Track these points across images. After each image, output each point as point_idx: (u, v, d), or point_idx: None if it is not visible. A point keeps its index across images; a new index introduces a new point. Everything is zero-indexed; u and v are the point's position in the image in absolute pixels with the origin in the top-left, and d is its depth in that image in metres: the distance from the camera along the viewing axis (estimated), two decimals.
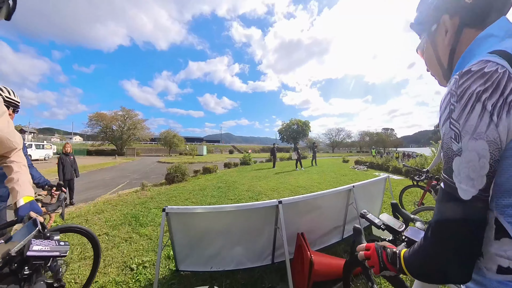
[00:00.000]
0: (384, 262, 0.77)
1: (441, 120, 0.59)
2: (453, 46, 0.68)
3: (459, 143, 0.54)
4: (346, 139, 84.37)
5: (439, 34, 0.72)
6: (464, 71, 0.56)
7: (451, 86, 0.58)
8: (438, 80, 0.80)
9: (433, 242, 0.60)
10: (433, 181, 3.74)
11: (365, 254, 0.86)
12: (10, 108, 1.88)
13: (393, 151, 44.48)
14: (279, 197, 6.48)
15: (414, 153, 25.58)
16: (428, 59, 0.80)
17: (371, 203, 3.85)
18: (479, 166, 0.51)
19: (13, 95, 1.89)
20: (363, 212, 1.34)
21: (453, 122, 0.55)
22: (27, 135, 44.18)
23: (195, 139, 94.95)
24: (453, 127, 0.55)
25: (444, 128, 0.58)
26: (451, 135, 0.55)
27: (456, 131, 0.54)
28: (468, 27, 0.65)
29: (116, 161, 25.74)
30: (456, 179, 0.55)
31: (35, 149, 24.20)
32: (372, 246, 0.84)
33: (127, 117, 46.52)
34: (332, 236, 3.19)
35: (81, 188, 9.12)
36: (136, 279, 2.61)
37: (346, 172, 13.09)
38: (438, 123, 0.63)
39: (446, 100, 0.58)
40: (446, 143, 0.57)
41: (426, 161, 10.44)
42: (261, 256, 2.68)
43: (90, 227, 4.39)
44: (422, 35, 0.81)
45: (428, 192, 4.01)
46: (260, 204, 2.32)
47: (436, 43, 0.74)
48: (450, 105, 0.56)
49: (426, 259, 0.63)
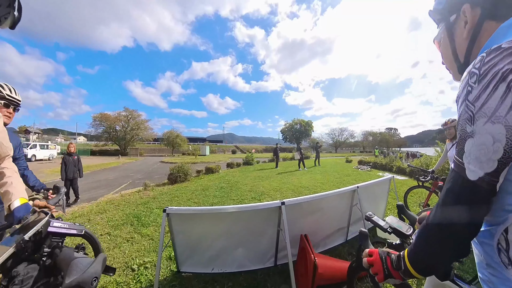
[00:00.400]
0: (388, 269, 0.74)
1: (459, 102, 0.58)
2: (472, 40, 0.64)
3: (473, 125, 0.53)
4: (349, 139, 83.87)
5: (458, 25, 0.67)
6: (494, 48, 0.52)
7: (474, 64, 0.55)
8: (452, 74, 0.76)
9: (436, 224, 0.61)
10: (439, 182, 3.67)
11: (368, 260, 0.82)
12: (11, 107, 1.81)
13: (397, 151, 44.15)
14: (282, 198, 6.43)
15: (418, 153, 25.31)
16: (444, 51, 0.75)
17: (375, 204, 3.78)
18: (492, 150, 0.50)
19: (14, 93, 1.82)
20: (368, 214, 1.28)
21: (468, 104, 0.54)
22: (32, 135, 44.69)
23: (198, 139, 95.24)
24: (468, 109, 0.54)
25: (460, 109, 0.57)
26: (466, 116, 0.54)
27: (470, 113, 0.53)
28: (489, 19, 0.61)
29: (119, 161, 25.88)
30: (465, 160, 0.55)
31: (40, 149, 24.29)
32: (376, 252, 0.81)
33: (130, 118, 46.74)
34: (336, 238, 3.13)
35: (85, 188, 9.16)
36: (137, 280, 2.59)
37: (350, 172, 12.98)
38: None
39: (464, 81, 0.56)
40: (461, 125, 0.57)
41: (431, 161, 10.30)
42: (263, 258, 2.63)
43: (93, 227, 4.41)
44: (440, 25, 0.76)
45: (433, 193, 3.93)
46: (263, 205, 2.27)
47: (454, 35, 0.69)
48: (467, 86, 0.54)
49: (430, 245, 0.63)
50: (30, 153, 22.60)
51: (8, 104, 1.79)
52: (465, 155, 0.55)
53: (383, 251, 0.79)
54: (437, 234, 0.61)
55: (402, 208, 1.32)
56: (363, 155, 37.80)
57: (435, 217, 0.61)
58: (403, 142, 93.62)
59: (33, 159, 22.88)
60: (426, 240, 0.65)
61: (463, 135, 0.56)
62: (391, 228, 1.16)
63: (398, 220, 1.20)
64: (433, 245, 0.62)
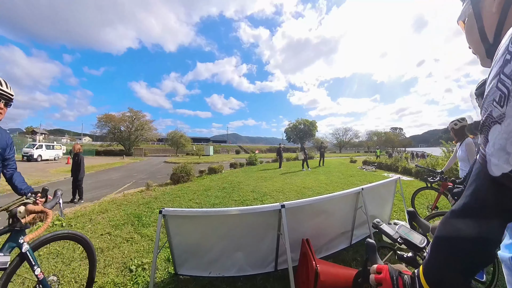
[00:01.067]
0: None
1: (489, 79, 0.47)
2: (503, 14, 0.52)
3: (504, 106, 0.41)
4: (353, 139, 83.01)
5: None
6: None
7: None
8: (480, 59, 0.64)
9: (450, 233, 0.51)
10: (448, 183, 3.52)
11: (376, 278, 0.71)
12: (1, 101, 1.64)
13: (402, 151, 43.55)
14: (285, 199, 6.36)
15: (425, 153, 24.88)
16: (469, 31, 0.64)
17: (381, 206, 3.65)
18: None
19: (5, 87, 1.66)
20: (376, 221, 1.17)
21: (503, 78, 0.42)
22: (38, 136, 45.40)
23: (202, 140, 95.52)
24: (502, 85, 0.42)
25: (489, 88, 0.46)
26: (496, 96, 0.43)
27: (505, 90, 0.41)
28: None
29: (124, 161, 26.02)
30: (488, 150, 0.45)
31: (46, 150, 24.60)
32: (385, 270, 0.70)
33: (134, 118, 47.09)
34: (340, 242, 3.01)
35: (88, 188, 9.20)
36: (134, 281, 2.55)
37: (354, 172, 12.81)
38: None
39: (502, 48, 0.44)
40: (485, 108, 0.47)
41: (437, 161, 10.06)
42: (263, 262, 2.54)
43: (94, 226, 4.40)
44: (464, 1, 0.64)
45: (442, 194, 3.79)
46: (262, 208, 2.18)
47: (481, 10, 0.58)
48: (506, 54, 0.42)
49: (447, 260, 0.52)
50: (36, 153, 22.97)
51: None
52: (488, 145, 0.45)
53: (394, 270, 0.69)
54: (452, 246, 0.51)
55: (414, 214, 1.19)
56: (367, 155, 37.33)
57: (448, 224, 0.52)
58: (408, 142, 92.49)
59: (39, 159, 23.26)
60: (438, 253, 0.55)
61: (487, 121, 0.46)
62: (402, 239, 1.03)
63: (410, 230, 1.07)
64: (450, 260, 0.52)
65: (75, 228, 4.31)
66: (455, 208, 0.52)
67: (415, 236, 1.02)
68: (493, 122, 0.44)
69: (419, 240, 0.99)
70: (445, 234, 0.53)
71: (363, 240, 3.25)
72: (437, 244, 0.55)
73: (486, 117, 0.46)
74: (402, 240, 1.03)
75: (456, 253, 0.51)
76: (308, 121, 61.09)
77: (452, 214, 0.52)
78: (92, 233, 4.03)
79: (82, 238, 2.04)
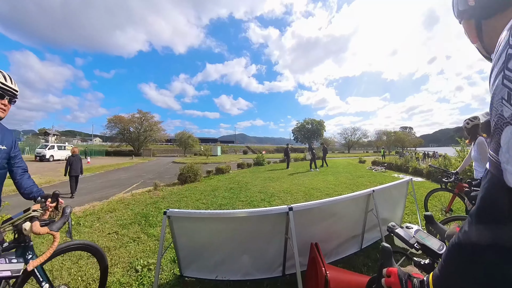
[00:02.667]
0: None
1: (491, 78, 0.44)
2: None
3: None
4: (362, 138, 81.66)
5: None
6: None
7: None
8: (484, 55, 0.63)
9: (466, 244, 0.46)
10: (463, 184, 3.37)
11: (386, 281, 0.70)
12: (5, 97, 1.54)
13: (412, 150, 42.58)
14: (293, 200, 6.28)
15: (436, 152, 24.21)
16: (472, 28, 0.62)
17: (392, 209, 3.52)
18: None
19: (9, 82, 1.55)
20: (391, 225, 1.09)
21: (507, 74, 0.38)
22: (51, 137, 46.84)
23: (210, 140, 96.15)
24: (508, 81, 0.37)
25: (494, 87, 0.42)
26: (503, 94, 0.38)
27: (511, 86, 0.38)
28: None
29: (133, 161, 26.50)
30: (502, 157, 0.40)
31: (57, 150, 25.74)
32: (394, 273, 0.70)
33: (143, 119, 47.94)
34: (349, 246, 2.89)
35: (98, 187, 9.38)
36: (140, 282, 2.54)
37: (363, 173, 12.56)
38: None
39: (502, 43, 0.40)
40: (495, 109, 0.42)
41: (450, 161, 9.72)
42: (270, 267, 2.46)
43: (102, 225, 4.44)
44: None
45: (457, 196, 3.62)
46: (269, 211, 2.11)
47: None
48: (507, 48, 0.38)
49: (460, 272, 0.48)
50: (48, 154, 24.18)
51: (2, 95, 1.53)
52: (501, 151, 0.40)
53: (404, 273, 0.69)
54: (468, 258, 0.47)
55: (431, 219, 1.11)
56: (377, 155, 36.67)
57: (465, 234, 0.47)
58: (419, 141, 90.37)
59: (51, 159, 24.41)
60: (454, 264, 0.50)
61: (499, 124, 0.40)
62: (420, 245, 0.97)
63: (428, 235, 1.00)
64: (464, 271, 0.48)
65: (83, 227, 4.37)
66: (472, 216, 0.47)
67: (433, 241, 0.96)
68: (505, 123, 0.38)
69: (437, 246, 0.93)
70: (459, 242, 0.49)
71: (374, 244, 3.14)
72: (450, 253, 0.52)
73: (497, 119, 0.41)
74: (419, 245, 0.98)
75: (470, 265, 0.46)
76: (316, 121, 60.61)
77: (469, 223, 0.48)
78: (99, 232, 4.06)
79: (96, 248, 1.95)
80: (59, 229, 1.51)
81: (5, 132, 1.68)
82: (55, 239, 1.48)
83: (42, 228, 1.43)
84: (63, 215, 1.59)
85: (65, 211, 1.62)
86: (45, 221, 1.53)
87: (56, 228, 1.49)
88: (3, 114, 1.58)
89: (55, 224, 1.50)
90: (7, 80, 1.54)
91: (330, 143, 69.39)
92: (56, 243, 1.49)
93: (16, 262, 1.37)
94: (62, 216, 1.59)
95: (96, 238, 3.80)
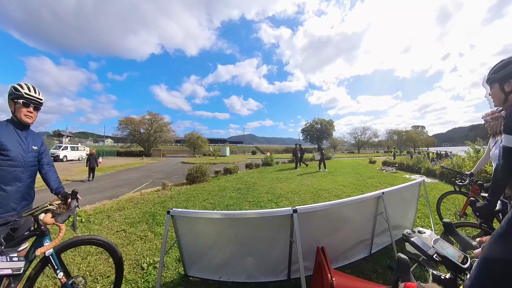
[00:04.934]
0: None
1: None
2: None
3: None
4: (372, 138, 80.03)
5: None
6: None
7: None
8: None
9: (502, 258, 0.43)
10: (477, 187, 3.14)
11: None
12: (31, 106, 1.79)
13: (424, 150, 41.40)
14: (300, 201, 6.19)
15: (451, 152, 23.33)
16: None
17: (403, 212, 3.38)
18: None
19: (33, 92, 1.80)
20: (406, 233, 1.00)
21: None
22: (64, 138, 48.64)
23: (219, 141, 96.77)
24: None
25: None
26: None
27: None
28: None
29: (143, 161, 26.98)
30: None
31: (71, 151, 26.78)
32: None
33: (153, 121, 48.81)
34: (358, 251, 2.78)
35: (108, 186, 9.57)
36: (145, 279, 2.58)
37: (373, 174, 12.29)
38: None
39: None
40: None
41: (464, 162, 9.34)
42: (275, 270, 2.40)
43: (111, 223, 4.53)
44: None
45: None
46: (273, 213, 2.06)
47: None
48: None
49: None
50: (62, 154, 25.10)
51: (27, 103, 1.76)
52: None
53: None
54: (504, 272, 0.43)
55: (451, 227, 1.00)
56: (387, 155, 35.84)
57: (492, 252, 0.45)
58: (431, 140, 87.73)
59: (64, 160, 25.36)
60: (488, 280, 0.47)
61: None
62: (440, 256, 0.86)
63: (449, 246, 0.90)
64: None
65: (93, 224, 4.47)
66: (497, 236, 0.45)
67: (456, 253, 0.86)
68: None
69: (460, 259, 0.82)
70: (497, 257, 0.45)
71: (384, 249, 3.02)
72: (486, 269, 0.48)
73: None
74: (439, 257, 0.87)
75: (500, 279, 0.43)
76: (325, 121, 59.95)
77: (495, 242, 0.45)
78: (108, 230, 4.16)
79: (106, 243, 2.01)
80: (64, 221, 1.66)
81: (34, 135, 1.96)
82: (60, 230, 1.64)
83: (50, 219, 1.61)
84: (68, 209, 1.77)
85: (70, 205, 1.80)
86: (59, 214, 1.70)
87: (61, 220, 1.65)
88: (30, 120, 1.83)
89: (61, 216, 1.66)
90: (31, 90, 1.78)
91: (339, 143, 68.52)
92: (62, 233, 1.63)
93: (17, 261, 1.43)
94: (68, 210, 1.77)
95: (105, 235, 3.89)
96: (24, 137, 1.82)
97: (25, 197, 1.81)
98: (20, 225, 1.60)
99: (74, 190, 1.93)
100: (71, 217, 1.76)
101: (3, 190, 1.65)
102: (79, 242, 1.90)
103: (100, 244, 1.99)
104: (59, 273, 1.69)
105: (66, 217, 1.69)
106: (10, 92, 1.75)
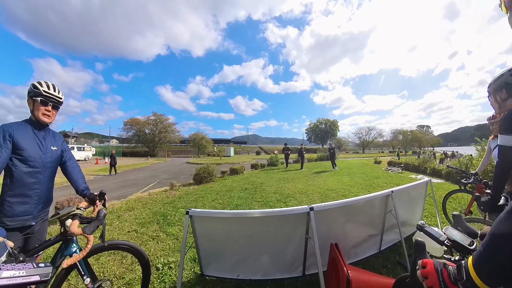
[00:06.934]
0: (445, 282, 0.67)
1: None
2: None
3: None
4: (377, 138, 79.42)
5: None
6: None
7: None
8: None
9: None
10: (482, 185, 3.20)
11: (421, 272, 0.74)
12: (49, 104, 1.68)
13: (429, 150, 41.07)
14: (309, 201, 6.25)
15: (457, 152, 23.16)
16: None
17: (411, 210, 3.45)
18: None
19: (52, 90, 1.69)
20: (421, 223, 1.12)
21: None
22: (70, 139, 49.25)
23: (223, 141, 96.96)
24: None
25: None
26: None
27: None
28: None
29: (148, 161, 27.21)
30: None
31: (77, 151, 27.07)
32: (430, 263, 0.74)
33: (158, 121, 49.21)
34: (368, 247, 2.87)
35: (115, 186, 9.71)
36: (161, 280, 2.59)
37: (379, 174, 12.28)
38: None
39: None
40: None
41: (471, 161, 9.29)
42: (290, 266, 2.48)
43: (121, 223, 4.52)
44: None
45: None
46: (289, 211, 2.13)
47: None
48: None
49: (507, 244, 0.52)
50: None
51: (45, 102, 1.66)
52: None
53: (439, 262, 0.73)
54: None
55: (459, 219, 1.13)
56: (392, 155, 35.62)
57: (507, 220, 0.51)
58: (436, 140, 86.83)
59: None
60: (494, 249, 0.54)
61: None
62: (450, 241, 0.99)
63: (458, 232, 1.03)
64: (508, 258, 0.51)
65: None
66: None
67: (464, 237, 0.99)
68: None
69: (467, 242, 0.96)
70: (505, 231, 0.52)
71: (393, 246, 3.10)
72: (492, 241, 0.55)
73: None
74: (449, 242, 1.00)
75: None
76: (330, 121, 59.77)
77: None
78: (119, 230, 4.16)
79: (134, 248, 1.94)
80: (92, 232, 1.57)
81: (55, 135, 1.88)
82: (88, 241, 1.55)
83: (78, 229, 1.51)
84: (97, 218, 1.66)
85: (99, 214, 1.69)
86: (87, 219, 1.64)
87: (89, 231, 1.55)
88: (48, 120, 1.72)
89: (88, 227, 1.56)
90: (50, 88, 1.68)
91: (344, 143, 68.25)
92: (90, 245, 1.55)
93: (44, 267, 1.32)
94: (96, 219, 1.65)
95: (117, 236, 3.88)
96: (42, 137, 1.73)
97: (43, 199, 1.73)
98: (34, 232, 1.56)
99: (101, 191, 1.85)
100: (99, 227, 1.65)
101: (19, 192, 1.58)
102: (105, 248, 1.81)
103: (126, 249, 1.91)
104: (86, 279, 1.63)
105: (94, 227, 1.59)
106: (29, 90, 1.66)
